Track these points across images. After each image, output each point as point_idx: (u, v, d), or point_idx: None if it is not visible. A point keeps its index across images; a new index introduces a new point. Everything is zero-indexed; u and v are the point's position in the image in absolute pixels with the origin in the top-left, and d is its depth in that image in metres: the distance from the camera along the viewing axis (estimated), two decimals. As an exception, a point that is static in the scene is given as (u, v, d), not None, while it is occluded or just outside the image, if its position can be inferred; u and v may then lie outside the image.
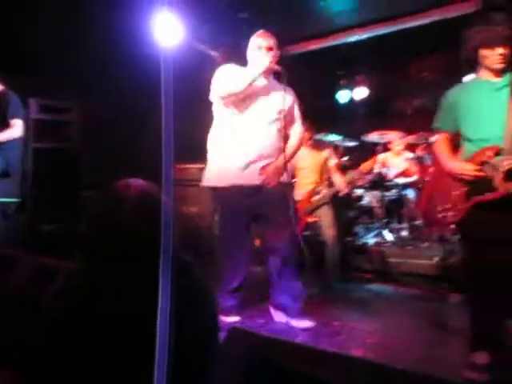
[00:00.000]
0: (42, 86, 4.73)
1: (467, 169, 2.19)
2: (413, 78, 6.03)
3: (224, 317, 2.67)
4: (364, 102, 6.20)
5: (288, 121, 2.80)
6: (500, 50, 2.10)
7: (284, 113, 2.74)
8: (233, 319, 2.72)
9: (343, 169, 4.29)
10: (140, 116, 4.60)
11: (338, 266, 3.87)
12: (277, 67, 2.66)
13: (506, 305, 2.01)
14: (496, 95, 2.18)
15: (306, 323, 2.67)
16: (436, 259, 3.79)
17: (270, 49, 2.70)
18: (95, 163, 4.93)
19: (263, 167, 2.70)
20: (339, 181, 3.92)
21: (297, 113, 2.89)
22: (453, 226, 2.67)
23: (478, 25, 2.17)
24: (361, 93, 6.11)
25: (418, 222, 4.66)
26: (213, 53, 4.46)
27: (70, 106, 5.09)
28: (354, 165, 4.34)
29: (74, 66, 4.43)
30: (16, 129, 3.69)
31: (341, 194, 3.98)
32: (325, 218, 3.86)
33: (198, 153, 4.87)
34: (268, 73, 2.76)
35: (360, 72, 6.17)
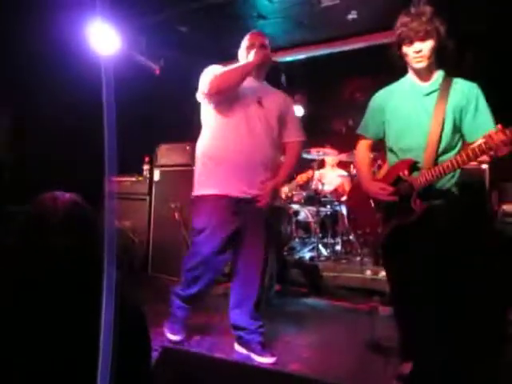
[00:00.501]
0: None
1: (381, 193, 2.06)
2: (346, 98, 6.29)
3: (170, 335, 2.62)
4: (301, 119, 6.37)
5: (283, 129, 2.61)
6: (417, 47, 1.92)
7: (278, 120, 2.57)
8: (176, 338, 2.63)
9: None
10: (74, 126, 4.41)
11: (274, 281, 3.90)
12: (272, 61, 2.53)
13: (426, 318, 2.00)
14: (423, 101, 2.01)
15: (268, 359, 2.41)
16: (368, 273, 3.94)
17: (263, 46, 2.54)
18: (24, 175, 4.64)
19: (261, 182, 2.47)
20: None
21: (294, 121, 2.68)
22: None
23: (399, 20, 1.99)
24: (298, 111, 6.27)
25: (350, 237, 4.82)
26: (151, 64, 4.40)
27: (-6, 113, 4.75)
28: (290, 178, 4.44)
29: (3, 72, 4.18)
30: None
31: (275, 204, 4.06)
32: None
33: (132, 165, 4.78)
34: (261, 73, 2.60)
35: (297, 91, 6.34)
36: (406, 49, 1.97)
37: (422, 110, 2.00)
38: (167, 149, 4.67)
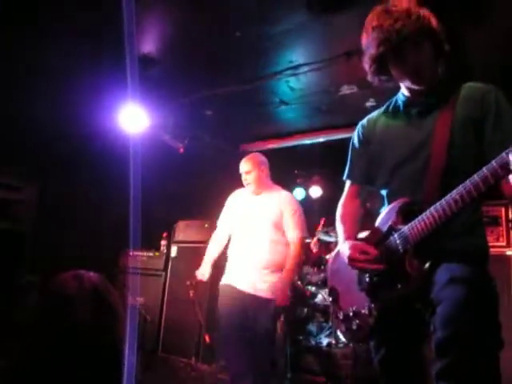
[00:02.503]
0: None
1: (361, 258, 1.44)
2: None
3: None
4: (318, 200, 6.43)
5: (279, 230, 2.90)
6: (411, 59, 1.39)
7: (274, 223, 2.88)
8: None
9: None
10: (98, 202, 4.54)
11: (288, 366, 3.69)
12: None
13: None
14: (419, 121, 1.48)
15: None
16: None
17: (247, 173, 3.00)
18: (44, 246, 4.70)
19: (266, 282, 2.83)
20: None
21: (289, 220, 2.91)
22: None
23: (372, 24, 1.43)
24: (315, 192, 6.36)
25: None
26: (176, 143, 4.59)
27: (21, 185, 4.93)
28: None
29: (31, 146, 4.40)
30: None
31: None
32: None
33: (151, 240, 4.80)
34: (257, 189, 3.02)
35: (315, 172, 6.47)
36: (393, 65, 1.44)
37: (417, 134, 1.47)
38: (186, 225, 4.71)
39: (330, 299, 1.74)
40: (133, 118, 3.56)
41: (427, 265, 1.34)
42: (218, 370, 3.82)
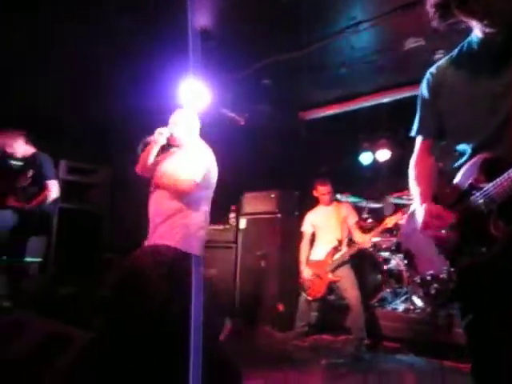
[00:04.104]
0: (72, 148, 4.94)
1: (434, 224, 1.35)
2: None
3: None
4: (386, 163, 6.20)
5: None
6: (478, 3, 1.20)
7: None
8: None
9: (367, 230, 4.22)
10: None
11: (364, 333, 3.67)
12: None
13: None
14: (498, 66, 1.28)
15: None
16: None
17: (171, 123, 2.85)
18: (118, 226, 4.97)
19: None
20: (360, 237, 3.88)
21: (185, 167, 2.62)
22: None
23: None
24: (383, 155, 6.12)
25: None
26: (236, 117, 4.60)
27: (96, 168, 5.23)
28: (377, 226, 4.26)
29: (100, 129, 4.60)
30: (54, 189, 3.78)
31: (364, 246, 3.97)
32: (346, 279, 3.77)
33: (219, 214, 4.90)
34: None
35: (382, 135, 6.23)
36: (457, 10, 1.25)
37: (496, 82, 1.28)
38: (252, 197, 4.76)
39: (405, 262, 1.67)
40: (194, 94, 3.60)
41: None
42: (292, 337, 3.89)
